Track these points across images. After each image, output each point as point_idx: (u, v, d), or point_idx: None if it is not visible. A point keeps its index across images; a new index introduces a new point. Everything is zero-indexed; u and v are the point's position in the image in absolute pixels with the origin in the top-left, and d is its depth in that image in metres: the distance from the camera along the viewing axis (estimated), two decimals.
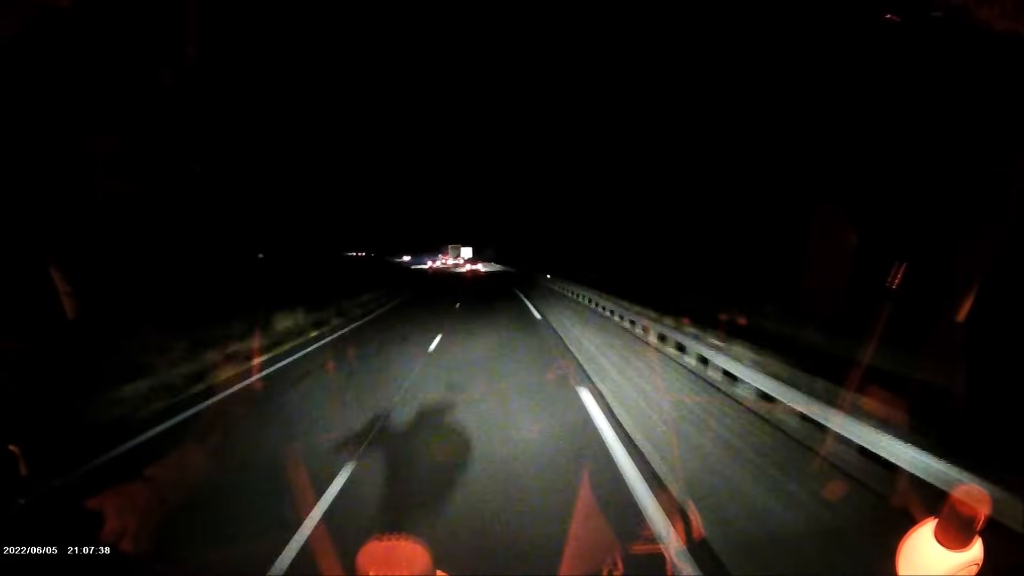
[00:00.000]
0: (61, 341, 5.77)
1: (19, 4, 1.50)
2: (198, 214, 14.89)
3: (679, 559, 3.08)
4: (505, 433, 5.55)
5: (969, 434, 3.91)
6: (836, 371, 5.89)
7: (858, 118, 11.60)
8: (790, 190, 15.16)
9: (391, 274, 45.04)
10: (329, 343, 11.84)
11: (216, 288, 13.28)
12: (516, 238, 73.99)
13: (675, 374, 8.41)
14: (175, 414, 6.26)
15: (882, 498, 3.98)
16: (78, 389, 6.18)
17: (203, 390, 7.39)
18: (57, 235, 7.79)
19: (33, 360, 5.71)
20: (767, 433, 5.55)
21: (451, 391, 7.34)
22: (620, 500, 3.97)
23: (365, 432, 5.53)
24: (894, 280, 6.43)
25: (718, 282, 17.39)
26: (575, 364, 9.15)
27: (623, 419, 5.97)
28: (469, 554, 3.24)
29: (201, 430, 5.84)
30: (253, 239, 19.83)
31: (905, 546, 1.12)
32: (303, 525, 3.61)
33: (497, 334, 12.79)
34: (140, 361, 7.56)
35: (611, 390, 7.27)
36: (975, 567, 1.07)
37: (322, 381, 8.16)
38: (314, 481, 4.26)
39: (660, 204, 28.68)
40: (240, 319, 11.33)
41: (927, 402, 4.79)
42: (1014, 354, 4.76)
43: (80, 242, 9.09)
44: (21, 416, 4.73)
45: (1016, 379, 4.48)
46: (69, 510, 3.91)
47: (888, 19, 2.20)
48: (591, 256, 37.55)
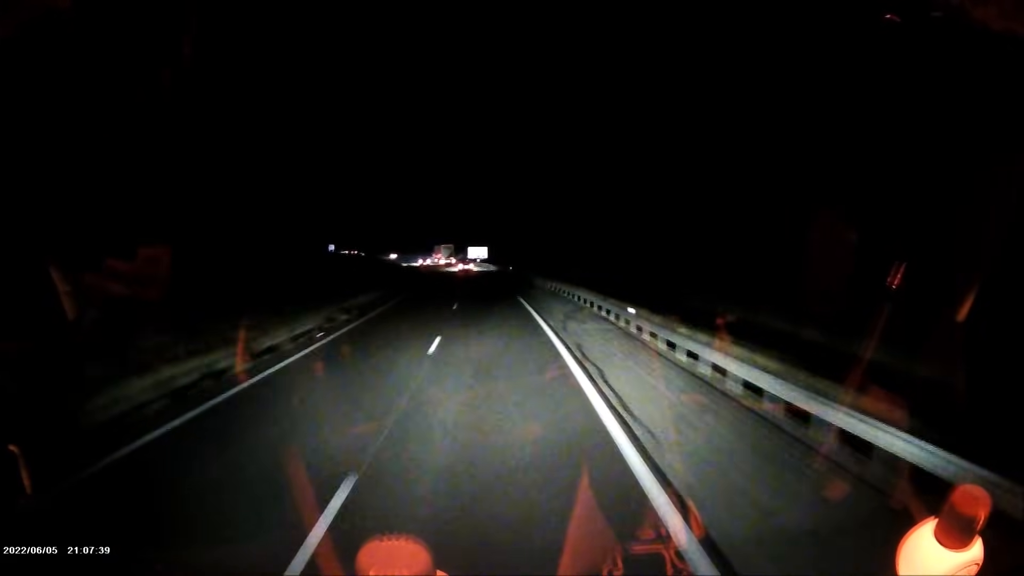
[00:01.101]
0: (65, 340, 5.78)
1: (19, 4, 1.50)
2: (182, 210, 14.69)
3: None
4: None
5: (970, 430, 3.92)
6: (834, 368, 5.91)
7: (858, 118, 11.60)
8: (789, 190, 15.16)
9: (382, 273, 44.57)
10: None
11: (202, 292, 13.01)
12: (509, 238, 74.04)
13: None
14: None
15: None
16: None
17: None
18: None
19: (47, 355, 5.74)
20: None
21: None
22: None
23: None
24: (894, 280, 6.42)
25: (717, 282, 17.39)
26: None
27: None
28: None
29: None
30: (239, 235, 19.53)
31: (905, 546, 1.12)
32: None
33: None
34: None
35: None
36: (975, 567, 1.07)
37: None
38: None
39: (659, 205, 28.69)
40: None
41: (927, 399, 4.79)
42: (1014, 354, 4.76)
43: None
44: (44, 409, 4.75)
45: (1016, 378, 4.48)
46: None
47: (888, 19, 2.20)
48: (586, 256, 37.54)
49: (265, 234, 24.78)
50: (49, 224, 8.01)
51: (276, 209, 27.91)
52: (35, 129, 8.30)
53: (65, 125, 9.57)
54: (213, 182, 18.35)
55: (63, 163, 9.89)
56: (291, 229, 31.68)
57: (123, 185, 12.16)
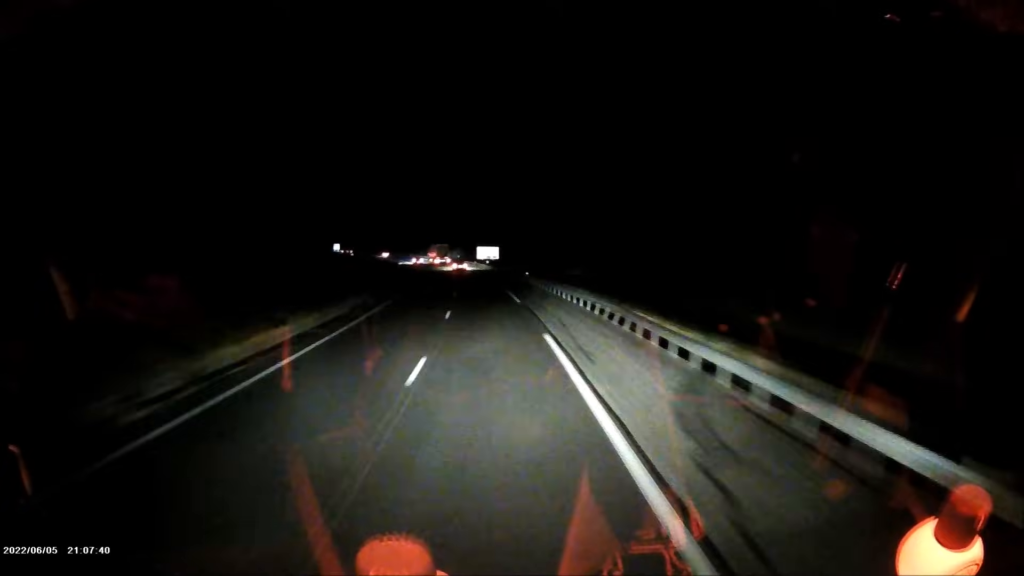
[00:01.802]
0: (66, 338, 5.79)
1: (19, 4, 1.50)
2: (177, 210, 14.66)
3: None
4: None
5: (970, 430, 3.91)
6: (832, 367, 5.90)
7: (859, 118, 11.59)
8: (789, 191, 15.15)
9: (377, 273, 43.93)
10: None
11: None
12: (505, 238, 74.05)
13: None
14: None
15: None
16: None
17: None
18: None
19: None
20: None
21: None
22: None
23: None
24: (894, 280, 6.41)
25: (716, 282, 17.37)
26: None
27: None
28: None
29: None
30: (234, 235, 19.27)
31: (905, 546, 1.12)
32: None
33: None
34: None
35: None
36: (975, 567, 1.07)
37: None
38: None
39: (658, 205, 28.66)
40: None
41: (927, 398, 4.79)
42: (1014, 353, 4.76)
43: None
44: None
45: (1016, 377, 4.47)
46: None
47: (888, 19, 2.20)
48: (584, 256, 37.52)
49: (272, 236, 24.74)
50: (50, 225, 8.02)
51: (283, 211, 27.85)
52: (40, 128, 8.32)
53: (76, 123, 9.60)
54: (222, 185, 18.35)
55: (74, 164, 9.92)
56: (297, 230, 31.62)
57: (137, 189, 12.20)
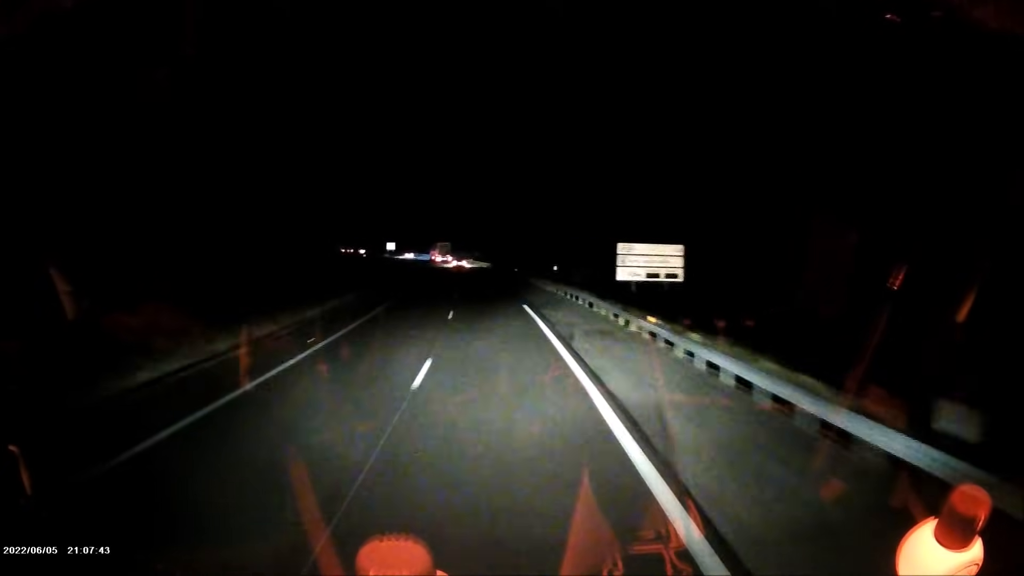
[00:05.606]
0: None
1: (19, 4, 1.50)
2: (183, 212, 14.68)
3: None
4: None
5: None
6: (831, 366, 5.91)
7: (858, 119, 11.58)
8: (788, 193, 15.15)
9: (384, 271, 44.86)
10: None
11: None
12: (504, 238, 74.05)
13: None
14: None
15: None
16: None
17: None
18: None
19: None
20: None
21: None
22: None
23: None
24: (895, 282, 6.43)
25: (715, 282, 17.36)
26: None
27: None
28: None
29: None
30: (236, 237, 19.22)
31: (905, 546, 1.12)
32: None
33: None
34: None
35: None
36: (975, 567, 1.07)
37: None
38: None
39: (657, 205, 28.59)
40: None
41: (926, 398, 4.79)
42: (1013, 353, 4.76)
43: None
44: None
45: (1016, 377, 4.48)
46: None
47: (888, 19, 2.20)
48: (580, 257, 37.44)
49: (274, 236, 24.75)
50: (51, 225, 8.02)
51: (286, 212, 27.83)
52: (41, 126, 8.32)
53: (74, 123, 9.61)
54: (225, 186, 18.30)
55: (75, 163, 9.93)
56: (300, 231, 31.59)
57: (139, 190, 12.19)
